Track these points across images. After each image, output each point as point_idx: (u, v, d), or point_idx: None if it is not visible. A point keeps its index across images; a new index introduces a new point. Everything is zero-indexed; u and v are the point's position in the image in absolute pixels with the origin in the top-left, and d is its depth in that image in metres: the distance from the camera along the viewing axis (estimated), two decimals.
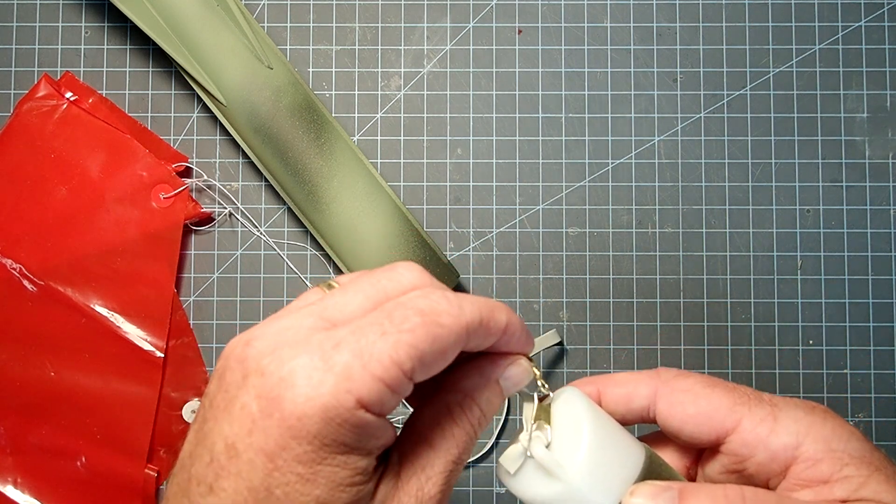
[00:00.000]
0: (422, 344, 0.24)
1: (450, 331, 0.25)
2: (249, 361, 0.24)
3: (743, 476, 0.29)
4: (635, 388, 0.31)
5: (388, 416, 0.25)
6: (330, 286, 0.28)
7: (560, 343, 0.50)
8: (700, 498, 0.27)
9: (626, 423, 0.31)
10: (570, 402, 0.29)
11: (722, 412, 0.29)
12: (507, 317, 0.27)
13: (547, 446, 0.28)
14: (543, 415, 0.29)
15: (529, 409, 0.30)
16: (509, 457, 0.29)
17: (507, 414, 0.51)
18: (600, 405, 0.31)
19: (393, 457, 0.27)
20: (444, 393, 0.28)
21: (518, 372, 0.28)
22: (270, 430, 0.23)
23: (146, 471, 0.50)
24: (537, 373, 0.29)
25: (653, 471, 0.29)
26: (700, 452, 0.32)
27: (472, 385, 0.28)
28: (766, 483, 0.29)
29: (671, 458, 0.32)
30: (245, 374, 0.24)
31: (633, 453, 0.29)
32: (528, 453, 0.28)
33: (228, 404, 0.24)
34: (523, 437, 0.29)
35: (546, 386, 0.30)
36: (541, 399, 0.30)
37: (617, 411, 0.31)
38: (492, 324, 0.27)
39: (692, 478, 0.32)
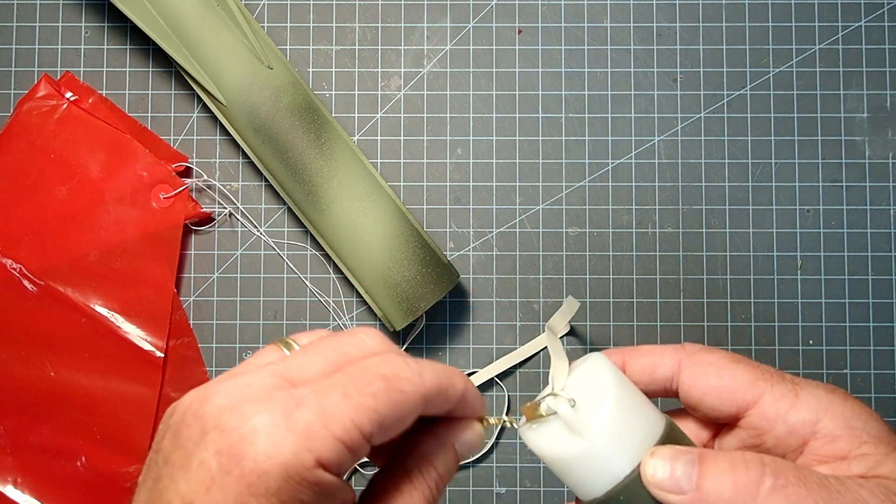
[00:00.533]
0: (383, 408, 0.25)
1: (409, 397, 0.26)
2: (208, 418, 0.24)
3: (760, 450, 0.30)
4: (660, 358, 0.31)
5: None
6: (288, 345, 0.28)
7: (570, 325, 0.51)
8: (720, 462, 0.27)
9: (648, 394, 0.31)
10: (595, 366, 0.30)
11: (744, 386, 0.30)
12: (464, 385, 0.28)
13: (572, 406, 0.29)
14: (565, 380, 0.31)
15: (558, 369, 0.30)
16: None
17: (508, 414, 0.51)
18: (625, 374, 0.32)
19: None
20: (402, 458, 0.29)
21: (472, 437, 0.29)
22: (229, 487, 0.23)
23: None
24: (504, 419, 0.31)
25: (672, 439, 0.29)
26: (718, 429, 0.32)
27: (429, 450, 0.29)
28: (782, 458, 0.29)
29: (690, 432, 0.32)
30: (203, 430, 0.24)
31: (654, 420, 0.29)
32: (552, 411, 0.29)
33: (185, 461, 0.24)
34: (548, 396, 0.30)
35: (512, 421, 0.31)
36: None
37: (641, 381, 0.32)
38: (450, 391, 0.28)
39: None
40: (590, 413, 0.29)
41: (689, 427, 0.32)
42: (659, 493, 0.27)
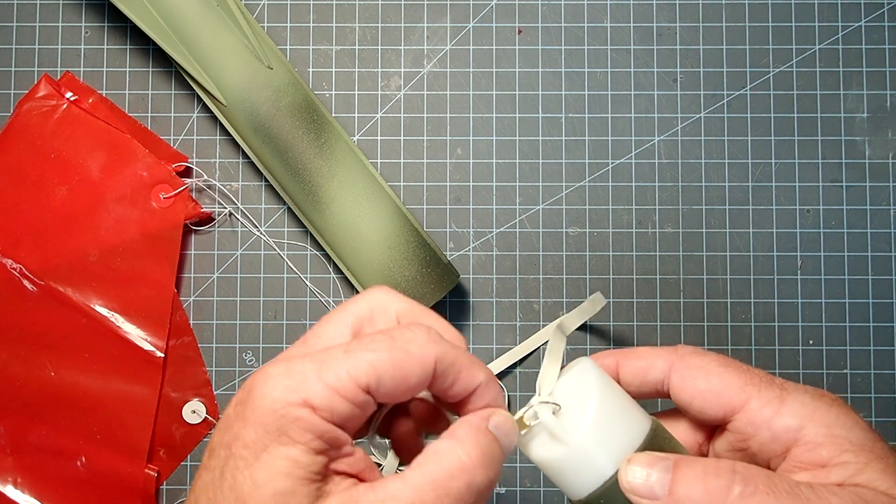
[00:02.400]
0: (382, 364, 0.26)
1: (415, 359, 0.27)
2: (248, 380, 0.28)
3: (746, 454, 0.30)
4: (653, 361, 0.32)
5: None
6: None
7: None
8: (694, 468, 0.28)
9: (641, 395, 0.32)
10: (582, 372, 0.31)
11: (731, 391, 0.30)
12: (486, 378, 0.29)
13: (555, 413, 0.30)
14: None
15: (548, 373, 0.31)
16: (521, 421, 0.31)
17: None
18: (618, 376, 0.32)
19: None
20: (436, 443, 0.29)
21: (505, 422, 0.29)
22: (234, 426, 0.26)
23: (146, 471, 0.50)
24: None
25: (656, 443, 0.30)
26: (712, 432, 0.32)
27: (461, 430, 0.28)
28: (767, 463, 0.30)
29: (685, 433, 0.33)
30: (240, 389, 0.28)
31: (638, 424, 0.30)
32: (537, 419, 0.30)
33: (223, 415, 0.28)
34: (535, 402, 0.30)
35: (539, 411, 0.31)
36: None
37: (633, 383, 0.32)
38: (463, 373, 0.28)
39: (703, 454, 0.33)
40: (573, 418, 0.29)
41: (683, 429, 0.33)
42: (634, 499, 0.28)
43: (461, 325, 0.51)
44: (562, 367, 0.32)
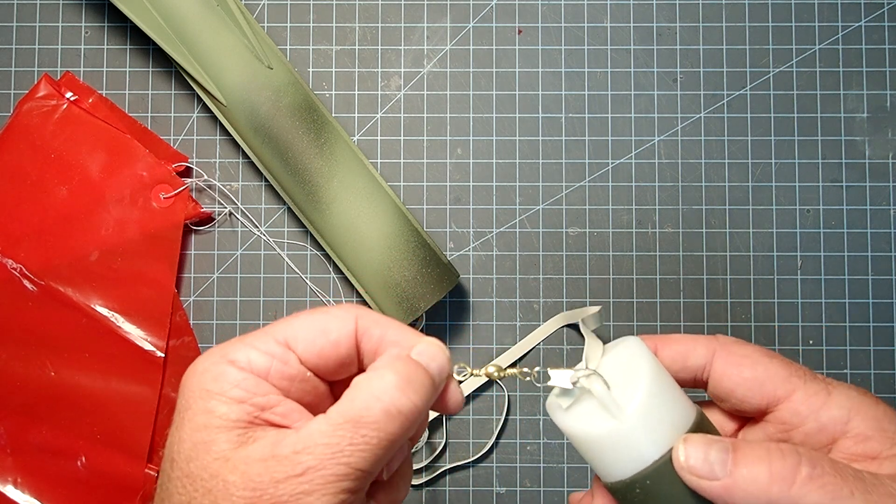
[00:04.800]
0: (299, 322, 0.28)
1: (333, 314, 0.29)
2: None
3: None
4: (693, 347, 0.31)
5: None
6: None
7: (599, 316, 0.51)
8: (756, 449, 0.27)
9: (677, 382, 0.31)
10: (631, 350, 0.30)
11: (777, 380, 0.30)
12: (427, 340, 0.29)
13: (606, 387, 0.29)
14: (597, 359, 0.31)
15: (592, 349, 0.31)
16: (562, 394, 0.30)
17: (508, 414, 0.51)
18: None
19: None
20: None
21: (425, 347, 0.29)
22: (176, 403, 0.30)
23: (146, 471, 0.50)
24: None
25: (703, 428, 0.29)
26: (743, 423, 0.32)
27: (380, 360, 0.28)
28: None
29: (716, 423, 0.32)
30: None
31: (686, 408, 0.29)
32: (579, 389, 0.29)
33: None
34: (582, 374, 0.29)
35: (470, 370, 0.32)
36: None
37: (671, 368, 0.31)
38: (392, 330, 0.29)
39: None
40: (624, 394, 0.28)
41: (713, 418, 0.32)
42: (690, 479, 0.27)
43: (461, 325, 0.51)
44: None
